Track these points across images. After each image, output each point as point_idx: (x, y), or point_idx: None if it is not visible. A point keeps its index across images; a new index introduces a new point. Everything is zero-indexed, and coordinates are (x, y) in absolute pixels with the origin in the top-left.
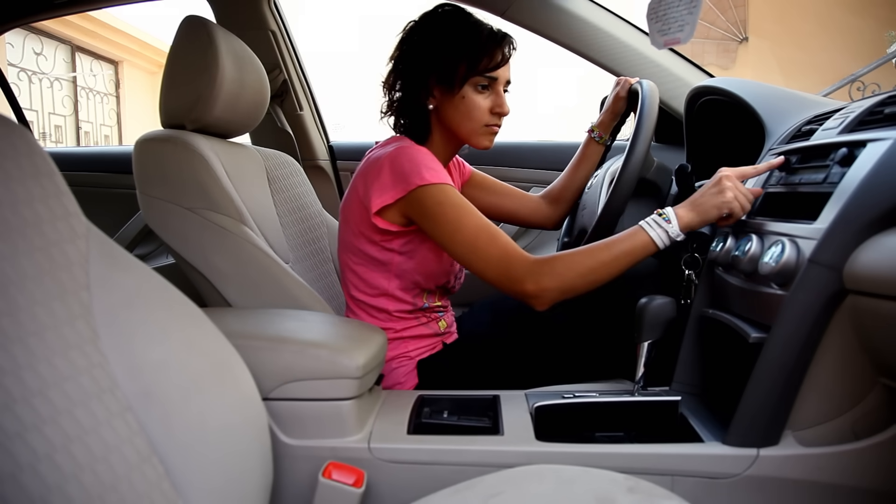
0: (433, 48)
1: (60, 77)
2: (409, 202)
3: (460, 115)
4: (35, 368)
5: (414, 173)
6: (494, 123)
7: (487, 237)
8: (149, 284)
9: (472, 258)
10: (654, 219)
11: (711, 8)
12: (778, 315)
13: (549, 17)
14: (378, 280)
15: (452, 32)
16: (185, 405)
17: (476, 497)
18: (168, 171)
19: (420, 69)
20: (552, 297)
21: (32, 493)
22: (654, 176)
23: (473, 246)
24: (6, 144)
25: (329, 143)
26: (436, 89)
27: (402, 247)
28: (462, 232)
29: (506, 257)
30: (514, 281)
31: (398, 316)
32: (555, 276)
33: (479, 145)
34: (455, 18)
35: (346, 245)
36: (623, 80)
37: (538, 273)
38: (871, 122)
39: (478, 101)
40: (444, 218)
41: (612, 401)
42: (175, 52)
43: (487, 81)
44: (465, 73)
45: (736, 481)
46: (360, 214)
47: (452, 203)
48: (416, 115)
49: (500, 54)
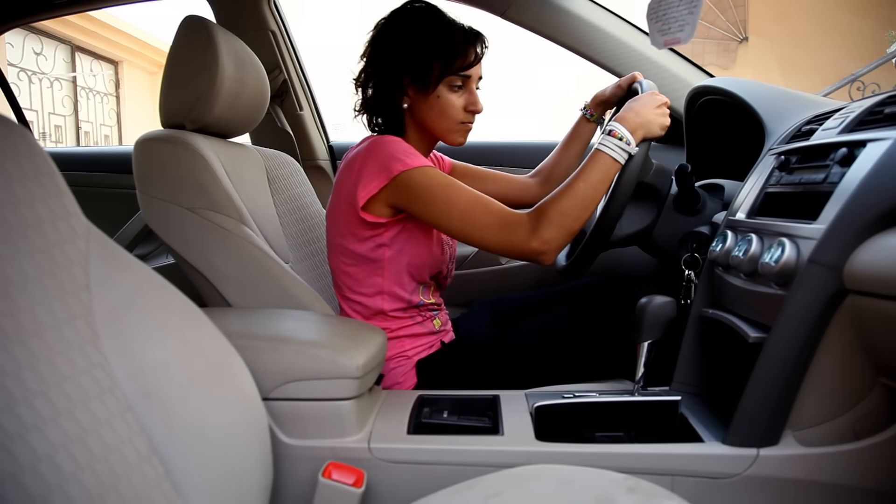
0: (406, 47)
1: (60, 77)
2: (394, 189)
3: (435, 113)
4: (35, 369)
5: (394, 160)
6: (468, 121)
7: (481, 207)
8: (149, 284)
9: (470, 231)
10: (610, 139)
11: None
12: (778, 315)
13: (549, 17)
14: (371, 279)
15: (425, 31)
16: (185, 405)
17: (476, 497)
18: (168, 171)
19: (393, 68)
20: (557, 245)
21: (33, 492)
22: (652, 179)
23: (470, 219)
24: (6, 145)
25: (329, 143)
26: (409, 88)
27: (391, 240)
28: (456, 207)
29: (504, 223)
30: (518, 243)
31: (393, 315)
32: (553, 225)
33: (453, 142)
34: (427, 16)
35: (336, 247)
36: (632, 74)
37: (538, 228)
38: (871, 122)
39: (452, 100)
40: (435, 198)
41: (612, 401)
42: (175, 52)
43: (461, 80)
44: (439, 72)
45: (736, 481)
46: (346, 213)
47: (439, 182)
48: (389, 113)
49: (474, 53)
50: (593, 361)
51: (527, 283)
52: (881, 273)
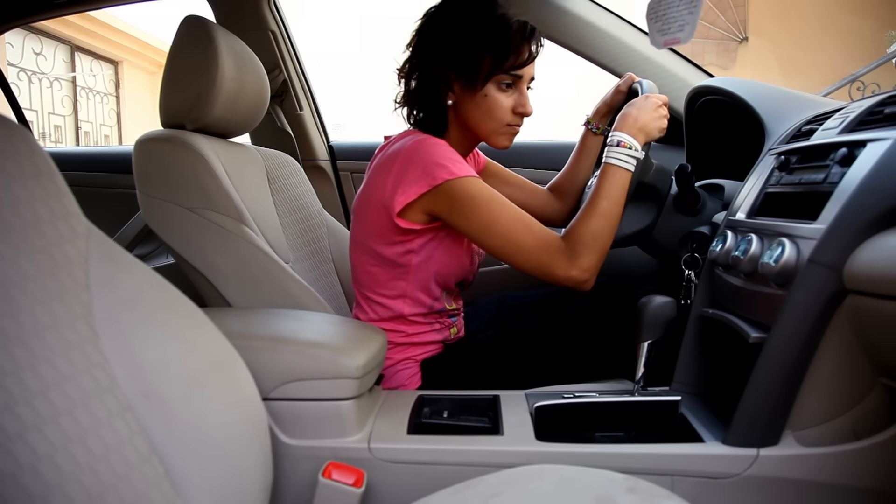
0: (455, 41)
1: (60, 77)
2: (435, 197)
3: (481, 113)
4: (35, 369)
5: (439, 166)
6: (516, 123)
7: (524, 227)
8: (149, 284)
9: (510, 250)
10: (618, 151)
11: (711, 8)
12: (778, 315)
13: (549, 17)
14: (396, 282)
15: (477, 25)
16: (185, 405)
17: (476, 497)
18: (168, 171)
19: (440, 62)
20: (596, 271)
21: (33, 492)
22: (652, 179)
23: (511, 238)
24: (6, 145)
25: (329, 143)
26: (456, 84)
27: (420, 247)
28: (498, 224)
29: (545, 247)
30: (558, 270)
31: (412, 319)
32: (589, 251)
33: (497, 145)
34: (480, 7)
35: (361, 245)
36: (628, 76)
37: (576, 256)
38: (871, 122)
39: (500, 100)
40: (478, 211)
41: (612, 401)
42: (175, 51)
43: (512, 79)
44: (489, 70)
45: (736, 481)
46: (378, 215)
47: (484, 196)
48: (433, 109)
49: (528, 51)
50: (593, 361)
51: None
52: (881, 273)
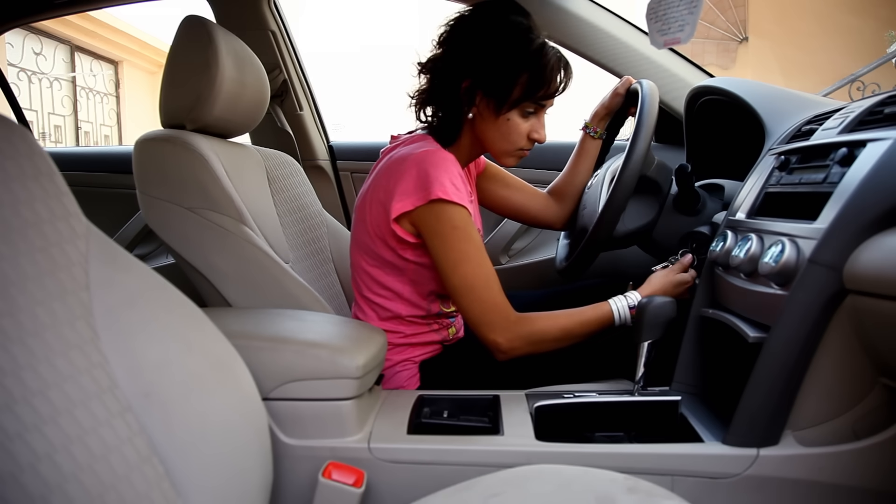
0: (490, 61)
1: (60, 77)
2: (423, 213)
3: (499, 134)
4: (35, 369)
5: (437, 183)
6: (527, 148)
7: (485, 280)
8: (149, 284)
9: (462, 294)
10: (622, 302)
11: (711, 8)
12: (778, 315)
13: (549, 17)
14: (393, 283)
15: (515, 50)
16: (186, 405)
17: (476, 497)
18: (168, 171)
19: (469, 76)
20: (517, 355)
21: (33, 493)
22: (654, 174)
23: (470, 284)
24: (6, 145)
25: (329, 143)
26: (481, 101)
27: (417, 257)
28: (467, 265)
29: (493, 307)
30: (491, 330)
31: (410, 320)
32: (528, 340)
33: (504, 164)
34: (520, 34)
35: (361, 245)
36: (626, 78)
37: (515, 333)
38: (871, 122)
39: (519, 126)
40: (455, 244)
41: (612, 401)
42: (175, 51)
43: (535, 108)
44: (519, 97)
45: (736, 481)
46: (379, 217)
47: (465, 232)
48: (450, 118)
49: (560, 83)
50: (593, 361)
51: (527, 283)
52: (881, 273)
